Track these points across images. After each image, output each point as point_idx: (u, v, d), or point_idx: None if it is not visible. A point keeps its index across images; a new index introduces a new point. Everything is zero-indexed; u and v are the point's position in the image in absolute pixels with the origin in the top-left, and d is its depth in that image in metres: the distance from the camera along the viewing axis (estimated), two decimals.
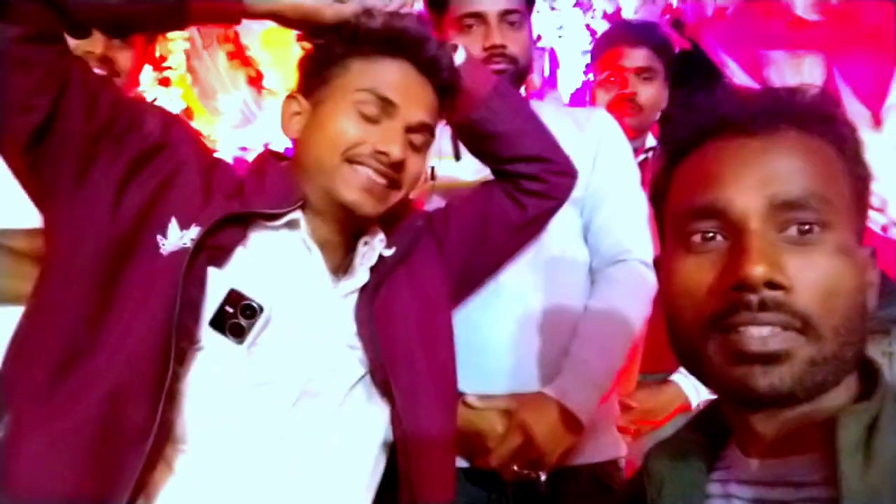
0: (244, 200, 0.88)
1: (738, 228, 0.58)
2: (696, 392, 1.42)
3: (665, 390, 1.42)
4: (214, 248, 0.83)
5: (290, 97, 0.95)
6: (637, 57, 1.67)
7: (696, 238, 0.61)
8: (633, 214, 1.20)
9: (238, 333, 0.82)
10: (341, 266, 0.94)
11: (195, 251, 0.80)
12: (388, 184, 0.90)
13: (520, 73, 1.27)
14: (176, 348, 0.77)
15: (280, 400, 0.85)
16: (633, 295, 1.15)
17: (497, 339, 1.14)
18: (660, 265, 0.67)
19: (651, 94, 1.66)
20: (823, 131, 0.61)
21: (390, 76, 0.91)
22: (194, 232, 0.82)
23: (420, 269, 0.99)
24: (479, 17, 1.23)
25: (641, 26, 1.86)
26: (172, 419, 0.80)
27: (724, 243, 0.59)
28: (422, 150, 0.94)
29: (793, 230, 0.57)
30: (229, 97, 2.35)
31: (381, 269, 0.94)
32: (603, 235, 1.21)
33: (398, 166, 0.89)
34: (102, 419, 0.75)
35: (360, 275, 0.93)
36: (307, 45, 0.96)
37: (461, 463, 1.10)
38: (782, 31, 2.68)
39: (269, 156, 0.98)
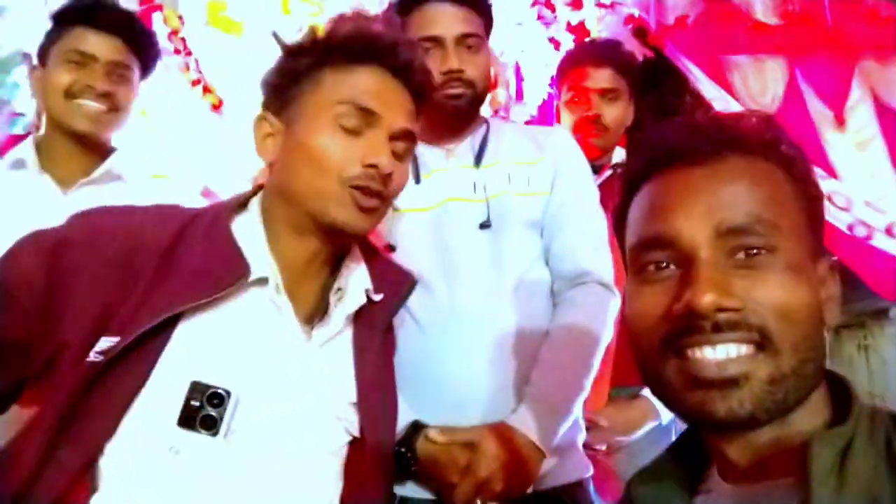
0: (176, 288, 0.79)
1: (688, 257, 0.59)
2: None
3: (635, 405, 1.42)
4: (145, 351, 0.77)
5: (260, 118, 0.90)
6: (601, 78, 1.69)
7: (651, 268, 0.62)
8: (591, 236, 1.20)
9: (211, 425, 0.77)
10: (315, 312, 0.89)
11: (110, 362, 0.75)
12: (379, 199, 0.87)
13: (477, 96, 1.27)
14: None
15: (259, 472, 0.82)
16: (592, 318, 1.14)
17: (458, 368, 1.13)
18: (625, 297, 0.68)
19: (616, 114, 1.68)
20: (769, 155, 0.62)
21: (367, 85, 0.86)
22: (106, 343, 0.76)
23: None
24: (436, 40, 1.23)
25: (605, 46, 1.87)
26: None
27: (676, 272, 0.60)
28: (405, 157, 0.91)
29: (741, 255, 0.58)
30: None
31: (364, 315, 0.91)
32: (563, 258, 1.20)
33: (387, 178, 0.86)
34: None
35: (335, 321, 0.89)
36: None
37: (426, 495, 1.09)
38: (744, 36, 2.71)
39: (226, 210, 0.90)
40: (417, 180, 1.24)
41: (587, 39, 2.35)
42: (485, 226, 1.20)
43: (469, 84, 1.24)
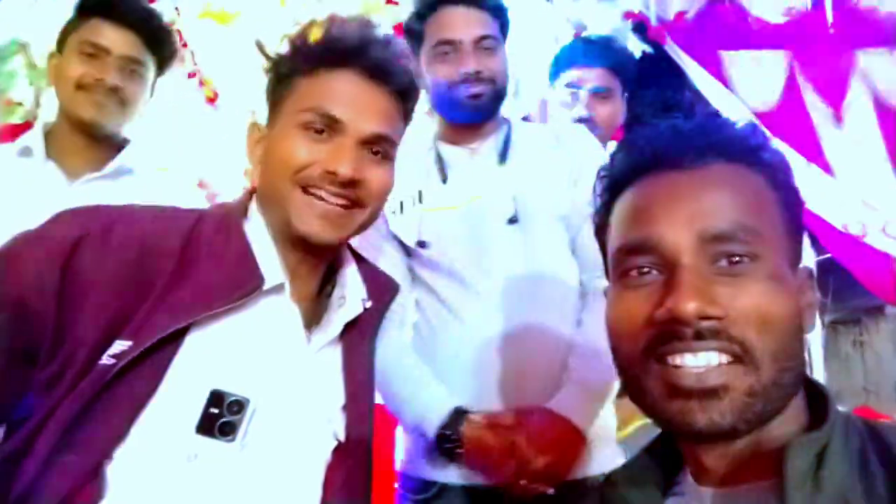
0: (191, 296, 0.78)
1: (671, 263, 0.59)
2: None
3: (626, 403, 1.43)
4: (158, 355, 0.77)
5: (252, 125, 0.90)
6: (594, 77, 1.69)
7: (633, 273, 0.61)
8: None
9: (229, 432, 0.78)
10: (311, 317, 0.89)
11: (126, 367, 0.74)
12: (347, 205, 0.84)
13: (497, 94, 1.29)
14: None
15: (269, 477, 0.83)
16: None
17: (496, 356, 1.16)
18: (607, 300, 0.68)
19: (608, 112, 1.69)
20: (752, 161, 0.62)
21: (334, 90, 0.84)
22: (119, 347, 0.75)
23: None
24: (454, 44, 1.26)
25: (598, 45, 1.87)
26: None
27: (659, 277, 0.60)
28: (385, 160, 0.87)
29: (723, 262, 0.58)
30: None
31: (353, 320, 0.91)
32: (589, 249, 1.23)
33: (354, 184, 0.83)
34: None
35: (334, 327, 0.89)
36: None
37: (466, 481, 1.13)
38: (743, 32, 2.71)
39: (236, 215, 0.89)
40: (444, 180, 1.29)
41: (582, 37, 2.34)
42: (513, 221, 1.24)
43: (488, 82, 1.26)
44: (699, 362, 0.56)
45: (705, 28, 2.64)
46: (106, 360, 0.74)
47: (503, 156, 1.29)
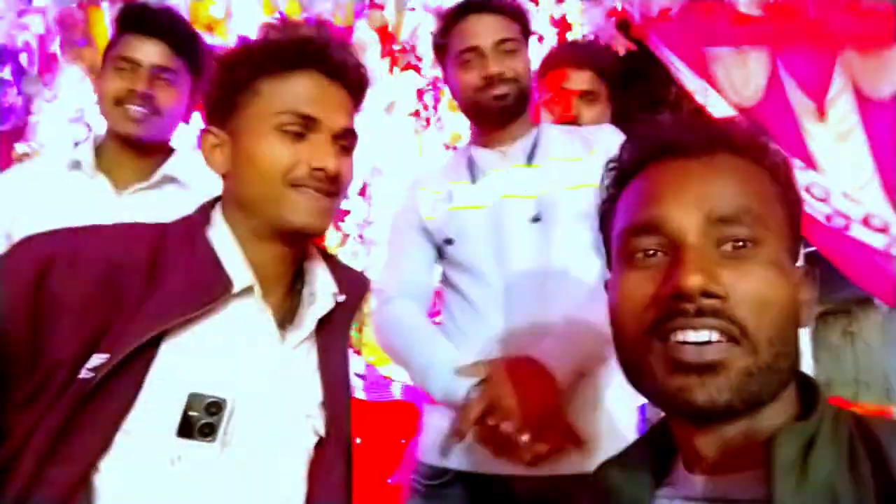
0: (162, 305, 0.81)
1: (676, 243, 0.60)
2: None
3: None
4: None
5: (205, 131, 0.92)
6: (580, 80, 1.72)
7: (639, 255, 0.63)
8: None
9: (209, 433, 0.80)
10: (285, 316, 0.92)
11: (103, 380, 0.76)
12: (330, 196, 0.89)
13: (522, 93, 1.33)
14: None
15: (251, 475, 0.85)
16: None
17: (514, 350, 1.18)
18: (609, 287, 0.69)
19: (594, 115, 1.71)
20: (757, 157, 0.64)
21: (304, 90, 0.88)
22: (97, 360, 0.77)
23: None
24: (476, 50, 1.30)
25: (586, 49, 1.90)
26: None
27: (664, 259, 0.61)
28: (349, 152, 0.93)
29: (728, 246, 0.60)
30: None
31: (326, 317, 0.93)
32: None
33: (335, 178, 0.88)
34: None
35: (308, 324, 0.92)
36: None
37: (472, 468, 1.17)
38: (726, 28, 2.73)
39: (199, 224, 0.91)
40: (474, 181, 1.34)
41: (568, 41, 2.37)
42: (536, 219, 1.27)
43: (512, 81, 1.30)
44: (700, 337, 0.57)
45: (689, 25, 2.66)
46: (84, 374, 0.76)
47: (531, 157, 1.33)
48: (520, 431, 1.03)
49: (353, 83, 0.93)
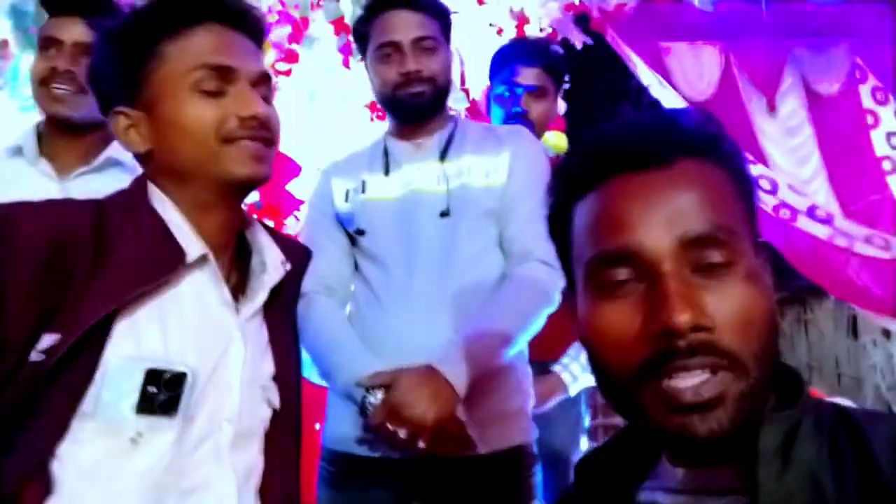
0: (114, 281, 0.78)
1: (651, 271, 0.58)
2: (573, 381, 1.55)
3: (544, 381, 1.52)
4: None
5: (114, 114, 0.88)
6: (529, 76, 1.78)
7: (612, 284, 0.60)
8: (540, 224, 1.27)
9: (169, 408, 0.78)
10: (237, 288, 0.91)
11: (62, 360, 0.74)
12: (266, 143, 0.87)
13: (438, 92, 1.35)
14: None
15: (214, 447, 0.84)
16: (526, 288, 1.23)
17: (415, 343, 1.20)
18: (576, 307, 0.66)
19: (542, 110, 1.78)
20: (713, 153, 0.63)
21: (210, 43, 0.85)
22: (48, 341, 0.75)
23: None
24: (395, 45, 1.32)
25: (535, 46, 1.95)
26: None
27: (638, 286, 0.59)
28: (270, 99, 0.90)
29: (704, 265, 0.58)
30: None
31: (279, 289, 0.93)
32: (512, 242, 1.29)
33: (267, 122, 0.87)
34: None
35: (261, 294, 0.91)
36: None
37: (379, 454, 1.19)
38: (681, 23, 2.79)
39: (140, 196, 0.88)
40: (387, 172, 1.35)
41: (519, 38, 2.40)
42: (444, 214, 1.29)
43: (428, 81, 1.32)
44: (695, 379, 0.56)
45: (645, 19, 2.72)
46: (35, 356, 0.74)
47: (445, 152, 1.35)
48: (415, 439, 1.08)
49: (254, 28, 0.91)
